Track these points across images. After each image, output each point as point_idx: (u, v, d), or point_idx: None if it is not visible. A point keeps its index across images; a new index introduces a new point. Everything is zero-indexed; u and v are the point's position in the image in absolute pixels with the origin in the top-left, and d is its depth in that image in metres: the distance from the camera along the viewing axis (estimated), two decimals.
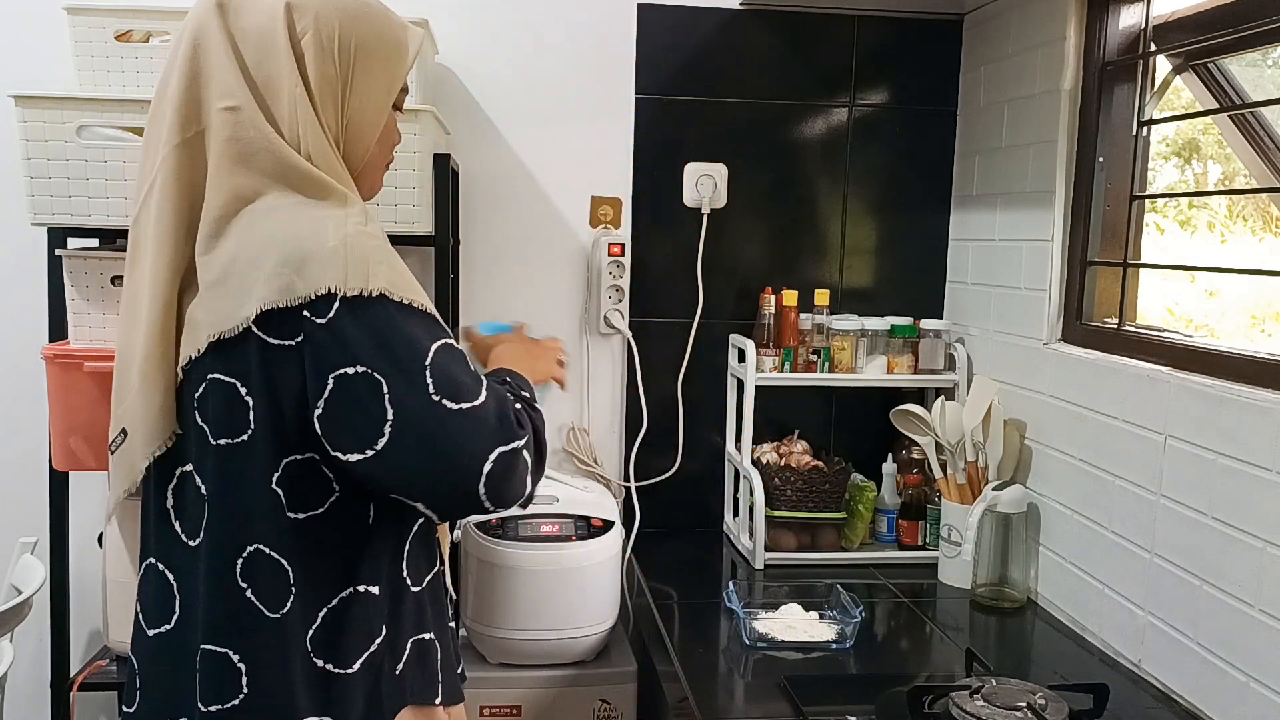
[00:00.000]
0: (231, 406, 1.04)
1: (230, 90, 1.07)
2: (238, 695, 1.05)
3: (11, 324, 2.03)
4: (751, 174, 2.21)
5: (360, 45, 1.12)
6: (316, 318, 1.00)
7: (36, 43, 1.96)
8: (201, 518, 1.07)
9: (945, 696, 1.33)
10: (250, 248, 1.03)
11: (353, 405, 1.00)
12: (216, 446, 1.05)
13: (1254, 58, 1.82)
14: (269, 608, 1.05)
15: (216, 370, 1.04)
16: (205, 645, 1.06)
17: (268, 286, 1.00)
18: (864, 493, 2.09)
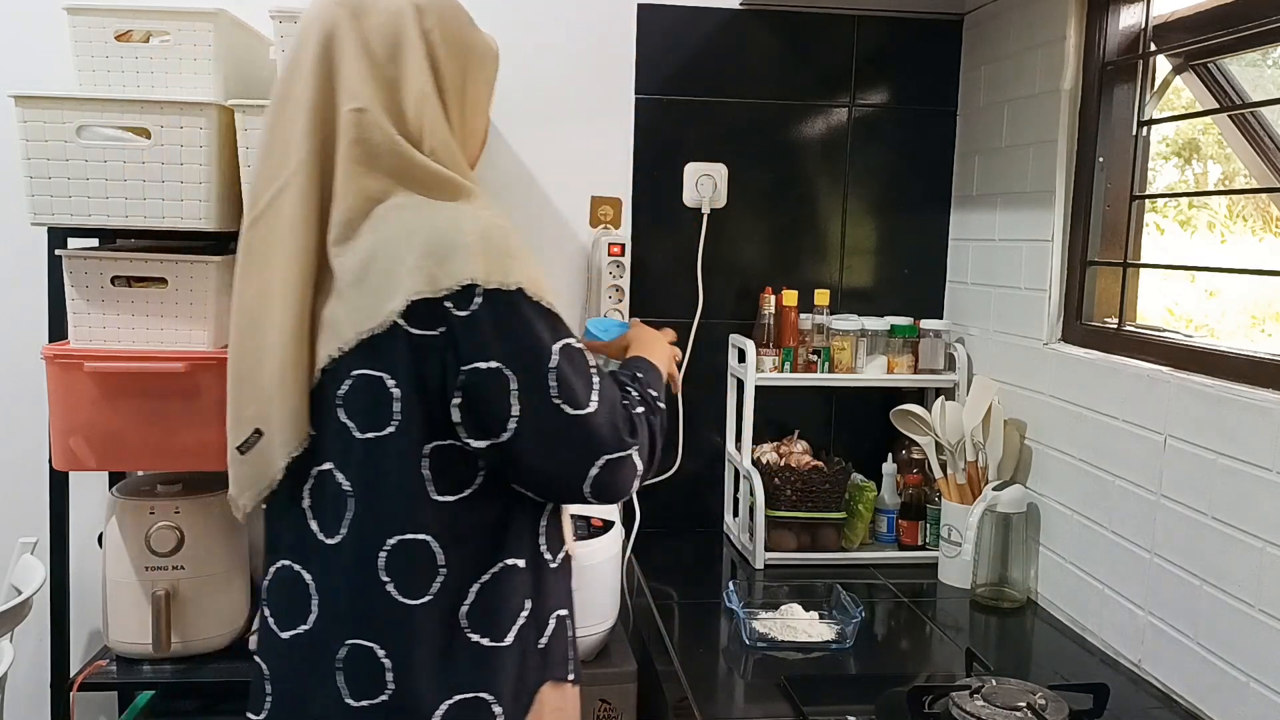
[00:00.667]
0: (379, 400, 1.06)
1: (358, 92, 1.09)
2: (384, 691, 1.08)
3: (11, 324, 2.03)
4: (751, 174, 2.21)
5: (472, 47, 1.16)
6: (458, 309, 1.04)
7: (36, 43, 1.96)
8: (342, 514, 1.09)
9: (945, 696, 1.33)
10: (388, 244, 1.06)
11: (484, 397, 1.05)
12: (363, 441, 1.07)
13: (1254, 58, 1.82)
14: (410, 596, 1.08)
15: (362, 366, 1.07)
16: (351, 640, 1.09)
17: (413, 279, 1.03)
18: (864, 493, 2.09)
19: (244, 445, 1.12)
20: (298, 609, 1.13)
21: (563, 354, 1.07)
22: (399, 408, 1.06)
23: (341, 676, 1.09)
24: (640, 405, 1.16)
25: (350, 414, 1.08)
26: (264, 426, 1.10)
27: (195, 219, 1.68)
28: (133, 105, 1.65)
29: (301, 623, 1.12)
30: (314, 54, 1.11)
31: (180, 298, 1.69)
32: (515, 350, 1.04)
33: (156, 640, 1.75)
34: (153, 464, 1.80)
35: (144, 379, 1.67)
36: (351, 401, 1.08)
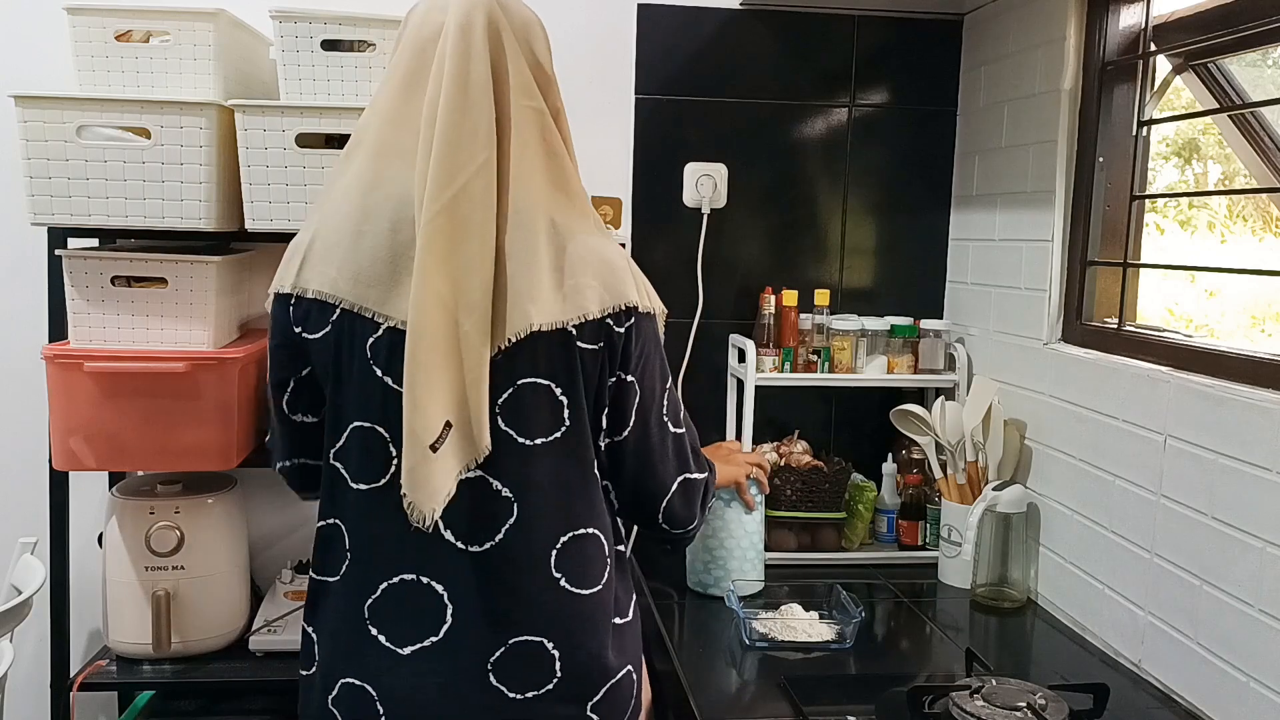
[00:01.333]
0: (550, 405, 1.12)
1: (530, 89, 1.15)
2: (551, 680, 1.13)
3: (11, 324, 2.03)
4: (751, 174, 2.21)
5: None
6: (617, 327, 1.13)
7: (36, 43, 1.96)
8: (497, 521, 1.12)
9: (945, 696, 1.33)
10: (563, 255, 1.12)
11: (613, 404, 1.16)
12: (533, 446, 1.12)
13: (1254, 58, 1.82)
14: (583, 586, 1.15)
15: (526, 375, 1.11)
16: (516, 639, 1.12)
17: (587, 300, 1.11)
18: (864, 493, 2.09)
19: (438, 441, 1.06)
20: (425, 622, 1.13)
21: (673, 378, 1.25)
22: (567, 414, 1.13)
23: (495, 676, 1.12)
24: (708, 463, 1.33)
25: (511, 422, 1.12)
26: (454, 419, 1.07)
27: (195, 219, 1.68)
28: (133, 105, 1.65)
29: (431, 636, 1.12)
30: (483, 40, 1.11)
31: (180, 298, 1.69)
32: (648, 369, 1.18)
33: (156, 640, 1.75)
34: (153, 464, 1.80)
35: (144, 379, 1.67)
36: (513, 410, 1.11)
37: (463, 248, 1.07)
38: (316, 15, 1.74)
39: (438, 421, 1.06)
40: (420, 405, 1.06)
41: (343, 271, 1.12)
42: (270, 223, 1.71)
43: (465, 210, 1.08)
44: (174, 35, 1.71)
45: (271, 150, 1.69)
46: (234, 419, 1.73)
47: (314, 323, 1.14)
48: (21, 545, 1.87)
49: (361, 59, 1.76)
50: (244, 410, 1.79)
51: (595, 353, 1.13)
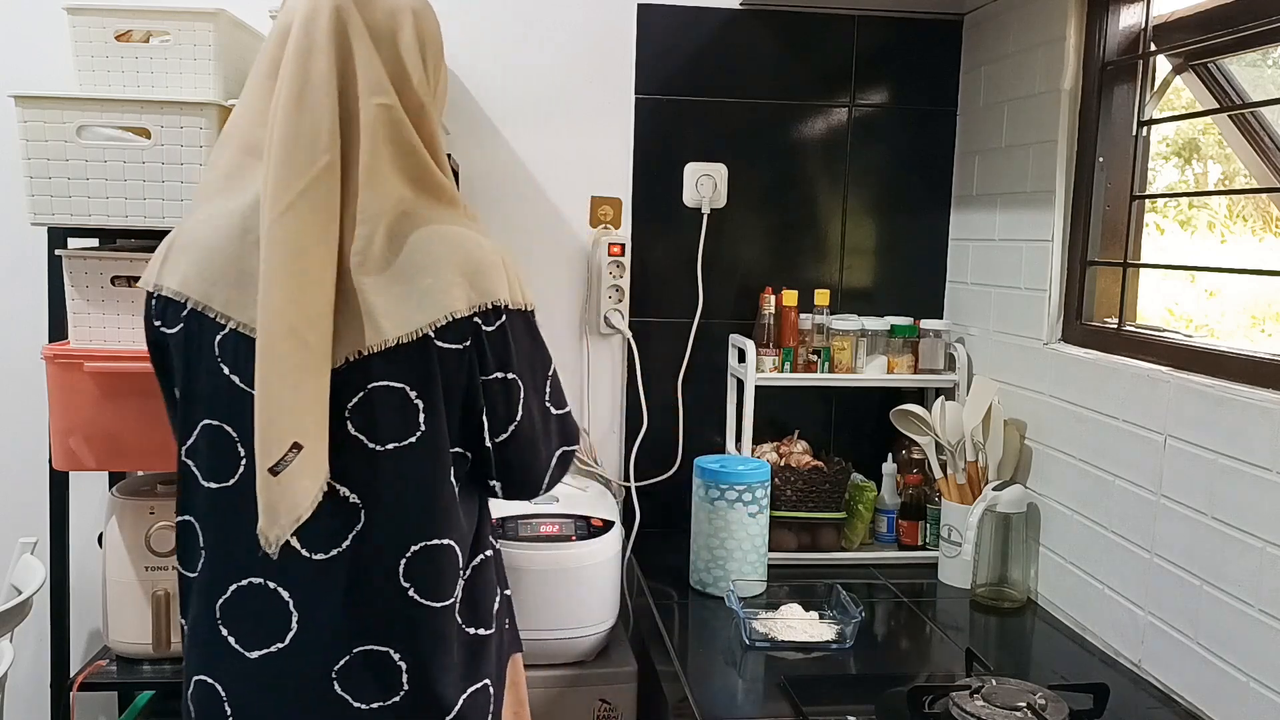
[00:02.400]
0: (403, 410, 1.07)
1: (379, 86, 1.08)
2: (399, 692, 1.10)
3: (11, 324, 2.03)
4: (751, 174, 2.21)
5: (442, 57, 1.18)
6: (486, 325, 1.09)
7: (36, 43, 1.96)
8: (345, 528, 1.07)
9: (945, 696, 1.33)
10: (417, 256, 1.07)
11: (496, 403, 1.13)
12: (384, 452, 1.08)
13: (1254, 58, 1.82)
14: (434, 599, 1.11)
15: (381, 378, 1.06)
16: (360, 648, 1.09)
17: (448, 299, 1.07)
18: (864, 493, 2.09)
19: (278, 465, 1.02)
20: (271, 628, 1.09)
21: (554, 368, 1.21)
22: (423, 419, 1.08)
23: (339, 685, 1.09)
24: None
25: (362, 427, 1.07)
26: (303, 440, 1.02)
27: None
28: (133, 105, 1.65)
29: (277, 641, 1.09)
30: (327, 34, 1.06)
31: None
32: (526, 363, 1.14)
33: (156, 640, 1.74)
34: (153, 464, 1.80)
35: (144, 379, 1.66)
36: (364, 414, 1.07)
37: (304, 257, 1.03)
38: None
39: (284, 443, 1.02)
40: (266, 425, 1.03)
41: (193, 269, 1.10)
42: None
43: (307, 217, 1.03)
44: (174, 35, 1.71)
45: None
46: None
47: (169, 319, 1.13)
48: (21, 545, 1.87)
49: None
50: None
51: (459, 353, 1.08)
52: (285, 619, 1.09)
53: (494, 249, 1.12)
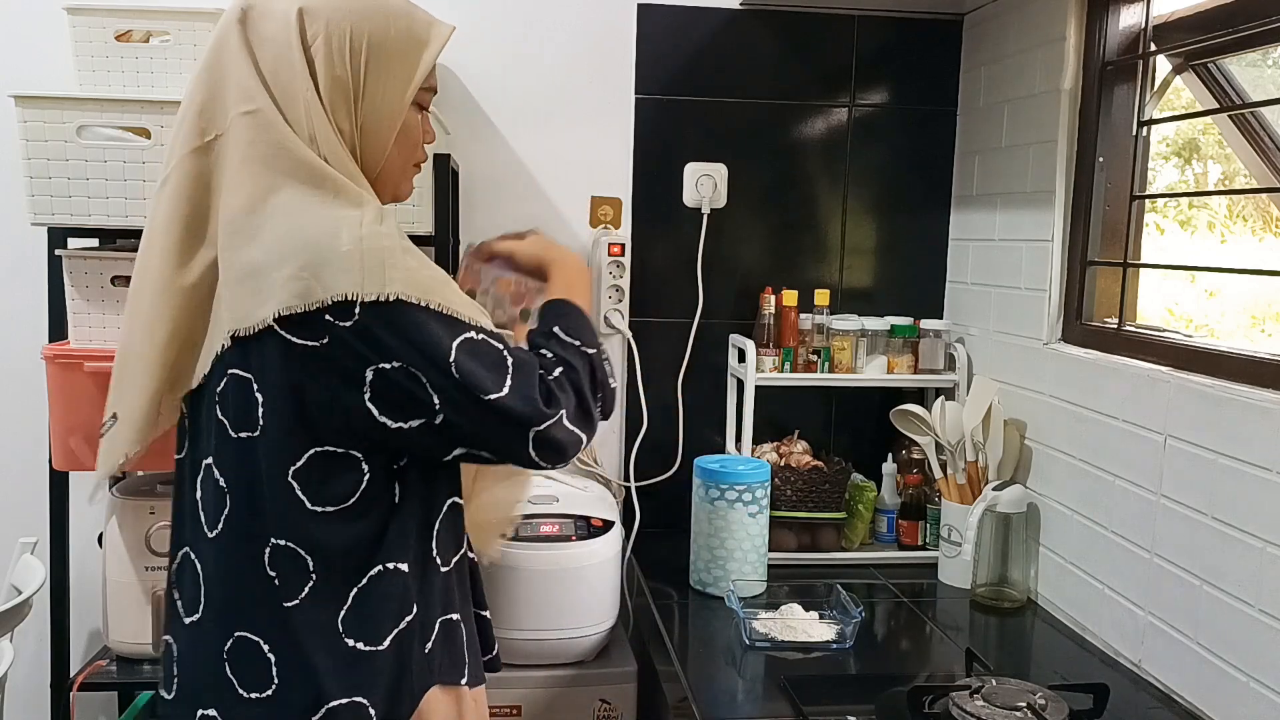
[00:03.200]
0: (247, 402, 1.07)
1: (250, 95, 1.09)
2: (270, 685, 1.08)
3: (11, 324, 2.03)
4: (751, 174, 2.21)
5: (373, 45, 1.12)
6: (340, 321, 1.03)
7: (36, 43, 1.96)
8: (221, 510, 1.10)
9: (945, 696, 1.33)
10: (269, 247, 1.05)
11: (399, 390, 1.04)
12: (236, 440, 1.08)
13: (1254, 58, 1.82)
14: (286, 596, 1.08)
15: (235, 366, 1.07)
16: (239, 633, 1.09)
17: (286, 290, 1.02)
18: (864, 493, 2.09)
19: (103, 428, 1.17)
20: (195, 596, 1.13)
21: (461, 348, 1.06)
22: (262, 413, 1.06)
23: (229, 667, 1.10)
24: (557, 366, 1.14)
25: (224, 411, 1.09)
26: (120, 412, 1.15)
27: None
28: (133, 105, 1.65)
29: (196, 611, 1.13)
30: (206, 61, 1.13)
31: None
32: (413, 350, 1.04)
33: (156, 640, 1.75)
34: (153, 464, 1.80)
35: None
36: (224, 399, 1.09)
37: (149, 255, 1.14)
38: None
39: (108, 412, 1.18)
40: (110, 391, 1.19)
41: None
42: None
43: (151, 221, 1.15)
44: (174, 35, 1.71)
45: None
46: None
47: None
48: (21, 545, 1.87)
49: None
50: None
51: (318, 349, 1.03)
52: (199, 591, 1.13)
53: (351, 234, 1.04)
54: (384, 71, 1.13)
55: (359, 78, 1.12)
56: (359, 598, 1.10)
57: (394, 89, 1.14)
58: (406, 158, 1.21)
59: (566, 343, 1.18)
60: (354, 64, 1.11)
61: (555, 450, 1.11)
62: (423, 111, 1.21)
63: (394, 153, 1.17)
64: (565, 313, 1.23)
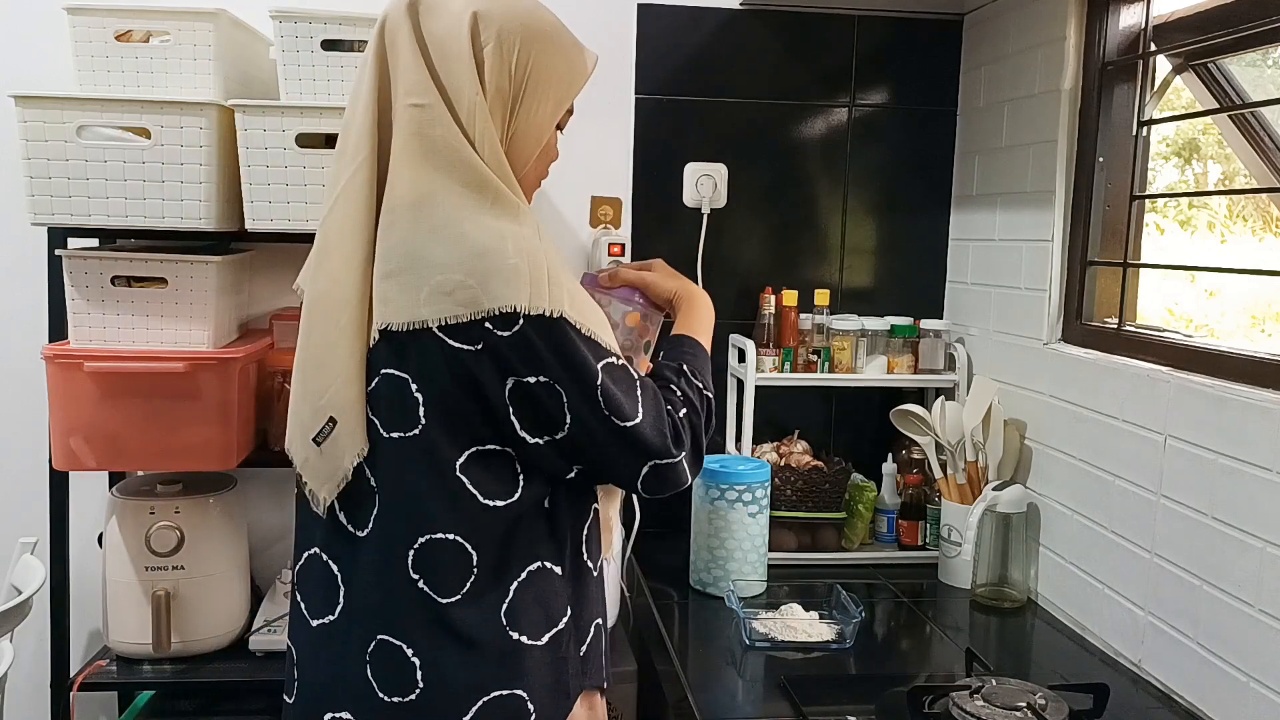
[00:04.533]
0: (404, 401, 1.08)
1: (418, 89, 1.10)
2: (414, 690, 1.09)
3: (11, 324, 2.03)
4: (751, 174, 2.21)
5: (537, 63, 1.15)
6: (499, 330, 1.05)
7: (36, 43, 1.96)
8: (371, 509, 1.11)
9: (945, 696, 1.33)
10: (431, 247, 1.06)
11: (538, 404, 1.08)
12: (389, 440, 1.09)
13: (1254, 58, 1.82)
14: (442, 594, 1.09)
15: (389, 365, 1.08)
16: (381, 636, 1.10)
17: (452, 299, 1.05)
18: (864, 493, 2.09)
19: (320, 435, 1.11)
20: (328, 599, 1.14)
21: (605, 372, 1.10)
22: (423, 412, 1.08)
23: (370, 670, 1.10)
24: (684, 407, 1.18)
25: (375, 411, 1.10)
26: (338, 415, 1.10)
27: (195, 219, 1.68)
28: (133, 105, 1.65)
29: (330, 613, 1.14)
30: (373, 50, 1.14)
31: (180, 298, 1.69)
32: (561, 369, 1.07)
33: (156, 640, 1.75)
34: (153, 464, 1.81)
35: (144, 379, 1.68)
36: (377, 399, 1.09)
37: (341, 246, 1.11)
38: (316, 15, 1.74)
39: (321, 417, 1.10)
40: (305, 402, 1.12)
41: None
42: (270, 223, 1.71)
43: (343, 209, 1.11)
44: (174, 35, 1.71)
45: (271, 150, 1.69)
46: (234, 419, 1.73)
47: None
48: (21, 545, 1.87)
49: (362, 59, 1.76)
50: (244, 410, 1.79)
51: (474, 355, 1.06)
52: (336, 592, 1.14)
53: (516, 250, 1.06)
54: (541, 90, 1.16)
55: (520, 91, 1.15)
56: (519, 591, 1.12)
57: (546, 108, 1.18)
58: (538, 173, 1.24)
59: (693, 383, 1.22)
60: (518, 77, 1.14)
61: (663, 486, 1.15)
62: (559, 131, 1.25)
63: (531, 166, 1.20)
64: (694, 352, 1.27)
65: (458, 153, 1.09)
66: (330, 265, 1.11)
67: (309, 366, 1.12)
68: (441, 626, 1.09)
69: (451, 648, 1.09)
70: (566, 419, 1.08)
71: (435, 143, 1.09)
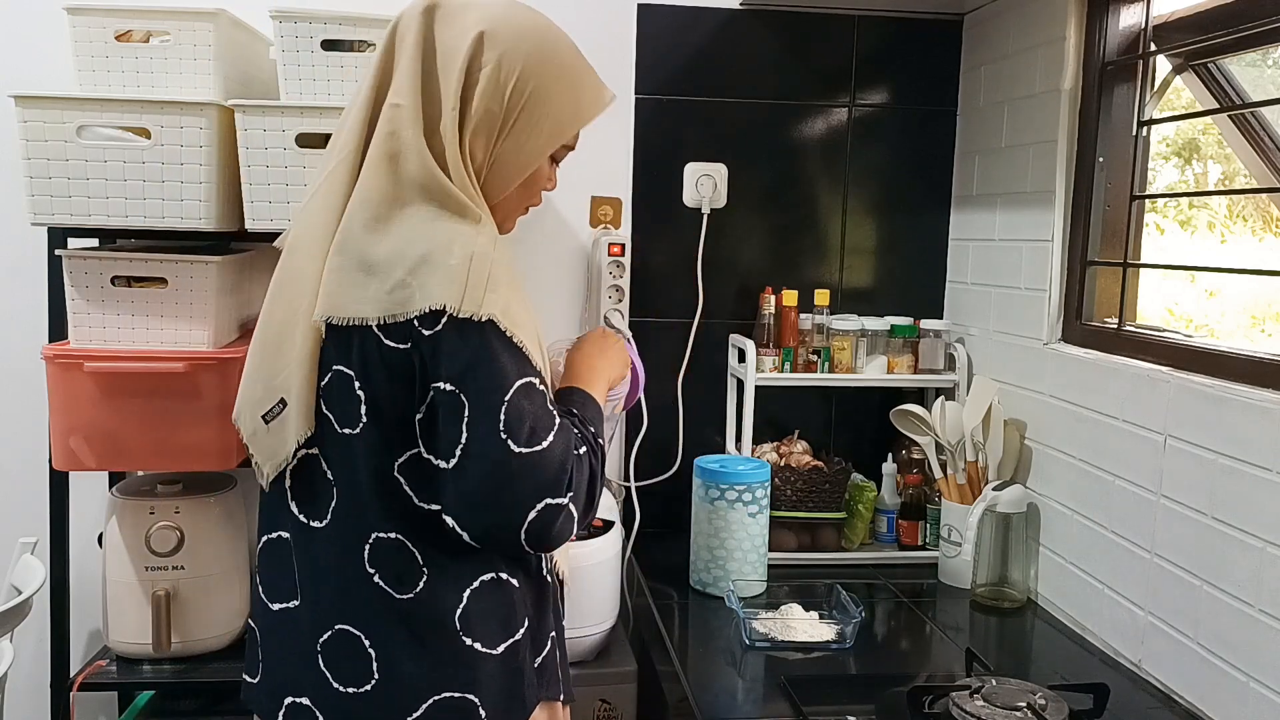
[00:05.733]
0: (349, 398, 1.08)
1: (403, 89, 1.11)
2: (369, 680, 1.09)
3: (11, 324, 2.03)
4: (751, 174, 2.21)
5: (535, 94, 1.14)
6: (424, 329, 1.04)
7: (36, 43, 1.96)
8: (329, 502, 1.11)
9: (945, 696, 1.33)
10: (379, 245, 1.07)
11: (440, 418, 1.05)
12: (342, 435, 1.10)
13: (1254, 58, 1.82)
14: (397, 590, 1.09)
15: (339, 362, 1.09)
16: (340, 626, 1.10)
17: (391, 298, 1.04)
18: (864, 493, 2.09)
19: (269, 414, 1.12)
20: (287, 585, 1.15)
21: (522, 390, 1.05)
22: (364, 410, 1.08)
23: (322, 660, 1.11)
24: (583, 445, 1.12)
25: (329, 405, 1.10)
26: (288, 398, 1.11)
27: (195, 219, 1.68)
28: (133, 105, 1.65)
29: (290, 599, 1.15)
30: (383, 47, 1.14)
31: (180, 298, 1.69)
32: (471, 377, 1.03)
33: (156, 640, 1.75)
34: (153, 464, 1.80)
35: (144, 379, 1.67)
36: (329, 394, 1.10)
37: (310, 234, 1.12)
38: (316, 15, 1.74)
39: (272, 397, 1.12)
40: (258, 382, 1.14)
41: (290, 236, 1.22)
42: (270, 223, 1.71)
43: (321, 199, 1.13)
44: (174, 35, 1.71)
45: (271, 150, 1.69)
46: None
47: None
48: (21, 545, 1.87)
49: (362, 59, 1.76)
50: None
51: (403, 353, 1.05)
52: (293, 579, 1.14)
53: (464, 249, 1.05)
54: (534, 122, 1.15)
55: (509, 118, 1.13)
56: (474, 599, 1.11)
57: (537, 140, 1.16)
58: (523, 199, 1.23)
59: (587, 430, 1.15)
60: (510, 104, 1.13)
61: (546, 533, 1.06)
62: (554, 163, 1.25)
63: (514, 192, 1.19)
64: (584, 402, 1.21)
65: (421, 157, 1.09)
66: (298, 252, 1.13)
67: (269, 345, 1.14)
68: (398, 621, 1.09)
69: (407, 644, 1.09)
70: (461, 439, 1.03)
71: (402, 143, 1.09)
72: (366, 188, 1.10)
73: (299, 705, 1.13)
